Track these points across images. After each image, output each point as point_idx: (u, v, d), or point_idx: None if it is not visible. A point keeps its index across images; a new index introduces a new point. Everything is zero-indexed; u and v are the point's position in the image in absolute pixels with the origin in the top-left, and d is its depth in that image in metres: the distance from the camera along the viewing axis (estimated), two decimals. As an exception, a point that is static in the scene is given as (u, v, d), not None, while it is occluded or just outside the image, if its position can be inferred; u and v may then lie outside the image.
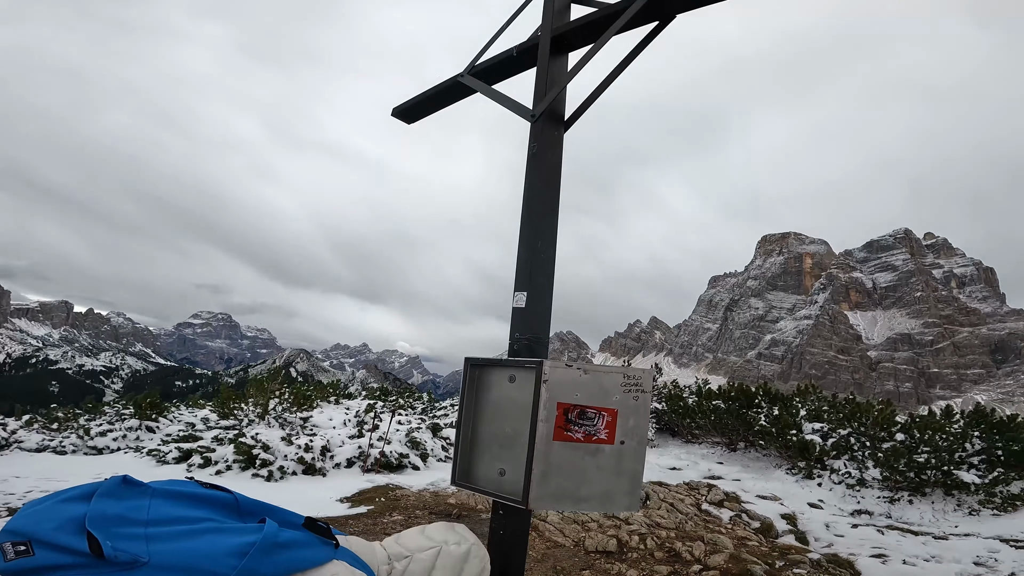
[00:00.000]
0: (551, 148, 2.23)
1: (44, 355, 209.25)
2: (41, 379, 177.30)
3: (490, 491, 1.86)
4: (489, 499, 2.27)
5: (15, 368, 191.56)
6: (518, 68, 2.74)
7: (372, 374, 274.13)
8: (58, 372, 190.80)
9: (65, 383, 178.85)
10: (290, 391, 13.06)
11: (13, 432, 12.36)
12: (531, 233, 2.10)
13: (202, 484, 1.23)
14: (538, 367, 1.71)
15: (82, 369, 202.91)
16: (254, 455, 9.05)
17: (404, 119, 3.29)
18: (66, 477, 8.85)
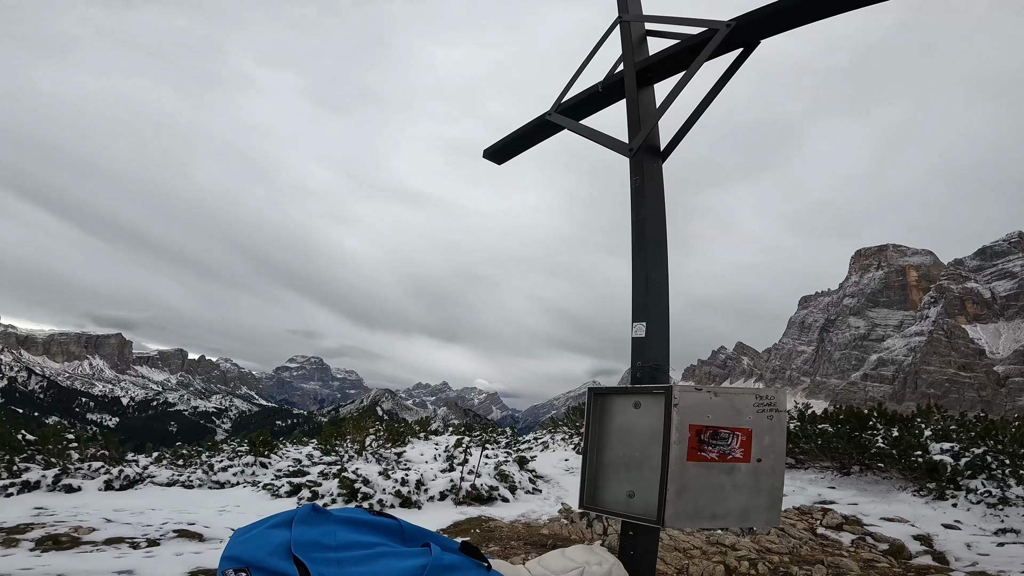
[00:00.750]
0: (653, 181, 2.31)
1: (163, 398, 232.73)
2: (162, 420, 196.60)
3: (619, 512, 1.93)
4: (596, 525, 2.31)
5: (139, 410, 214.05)
6: (604, 103, 2.83)
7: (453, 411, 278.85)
8: (176, 413, 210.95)
9: (182, 423, 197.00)
10: (384, 428, 13.67)
11: (145, 468, 13.75)
12: (643, 264, 2.18)
13: (370, 512, 1.38)
14: (667, 392, 1.81)
15: (196, 410, 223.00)
16: (356, 488, 9.50)
17: (495, 160, 3.48)
18: (196, 509, 9.68)
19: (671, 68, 2.50)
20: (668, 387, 1.82)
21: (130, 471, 11.95)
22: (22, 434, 11.64)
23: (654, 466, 1.80)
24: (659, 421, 1.81)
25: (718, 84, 2.35)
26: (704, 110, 2.38)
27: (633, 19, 2.76)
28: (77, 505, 9.67)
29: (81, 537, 6.99)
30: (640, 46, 2.69)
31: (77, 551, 6.43)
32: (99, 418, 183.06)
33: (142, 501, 10.33)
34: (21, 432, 11.71)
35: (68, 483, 10.89)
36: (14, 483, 10.62)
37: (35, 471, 11.12)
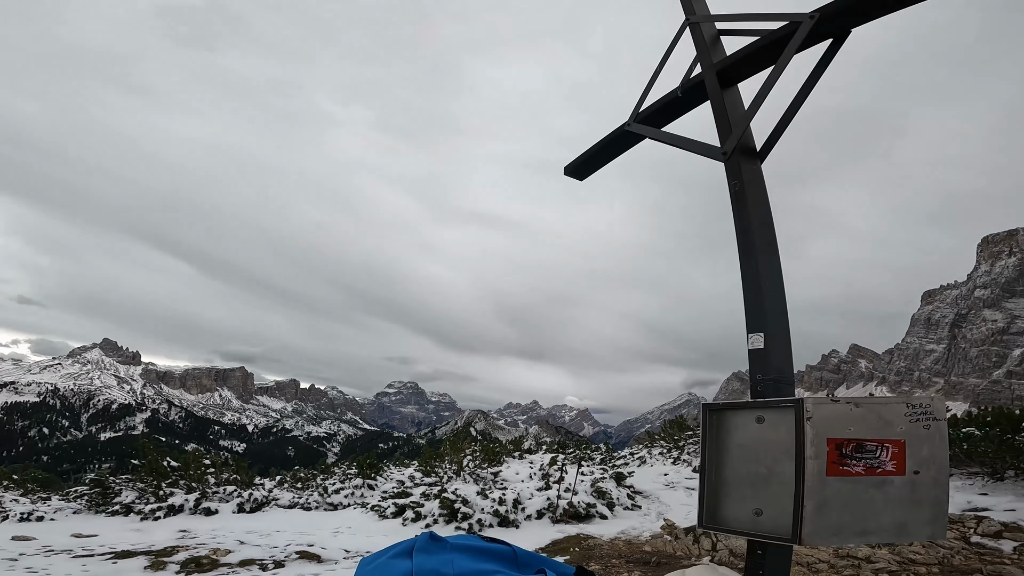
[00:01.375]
0: (754, 184, 2.19)
1: (282, 425, 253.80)
2: (281, 445, 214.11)
3: (744, 531, 1.84)
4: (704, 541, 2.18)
5: (261, 436, 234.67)
6: (684, 108, 2.76)
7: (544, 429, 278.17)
8: (292, 439, 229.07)
9: (298, 448, 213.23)
10: (480, 448, 13.92)
11: (270, 491, 14.94)
12: (754, 272, 2.06)
13: (483, 538, 1.37)
14: (798, 406, 1.70)
15: (310, 435, 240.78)
16: (455, 509, 9.71)
17: (576, 176, 3.44)
18: (313, 531, 10.33)
19: (753, 66, 2.39)
20: (798, 400, 1.71)
21: (258, 494, 13.03)
22: (167, 461, 13.11)
23: (785, 482, 1.72)
24: (788, 435, 1.72)
25: (811, 78, 2.23)
26: (800, 106, 2.26)
27: (702, 20, 2.68)
28: (215, 528, 10.68)
29: (219, 560, 7.68)
30: (715, 46, 2.61)
31: (215, 573, 7.09)
32: (229, 444, 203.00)
33: (268, 523, 11.20)
34: (166, 459, 13.20)
35: (207, 506, 12.08)
36: (161, 507, 11.97)
37: (179, 495, 12.47)
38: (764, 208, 2.16)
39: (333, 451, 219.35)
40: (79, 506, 13.32)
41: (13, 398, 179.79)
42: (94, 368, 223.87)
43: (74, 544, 9.69)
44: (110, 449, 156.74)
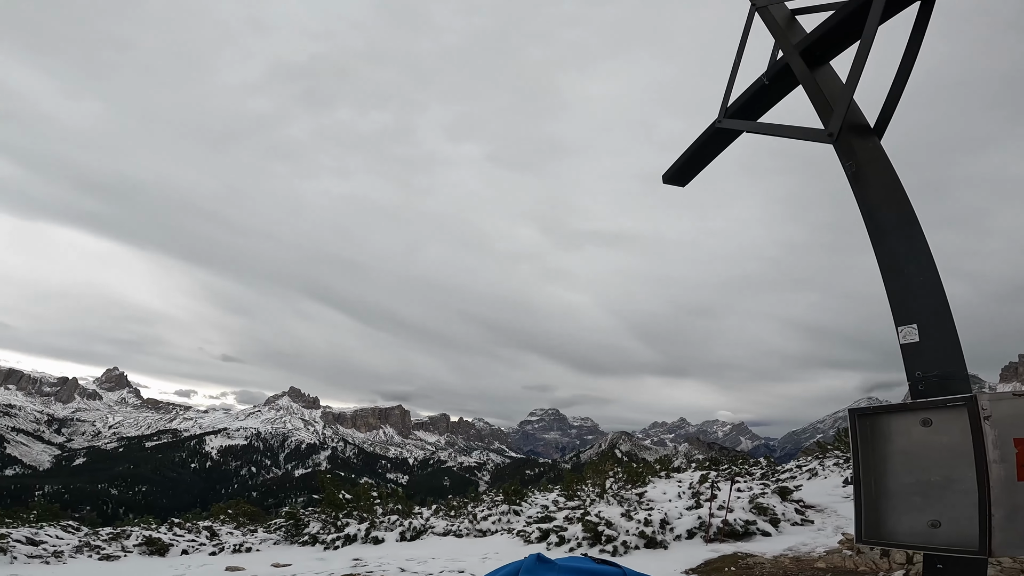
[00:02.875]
0: (874, 162, 2.08)
1: (437, 456, 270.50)
2: (438, 476, 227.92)
3: (919, 545, 1.71)
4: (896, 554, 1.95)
5: (420, 468, 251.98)
6: (775, 95, 2.71)
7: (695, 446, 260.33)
8: (447, 469, 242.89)
9: (452, 478, 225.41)
10: (623, 470, 13.57)
11: (427, 519, 15.96)
12: (891, 258, 1.93)
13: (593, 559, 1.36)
14: (970, 403, 1.56)
15: (462, 465, 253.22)
16: (599, 531, 9.58)
17: (676, 183, 3.34)
18: (464, 557, 10.82)
19: (839, 42, 2.30)
20: (970, 397, 1.55)
21: (416, 523, 14.02)
22: (342, 494, 14.69)
23: (966, 490, 1.57)
24: (963, 438, 1.57)
25: (912, 44, 2.15)
26: (908, 75, 2.18)
27: (770, 2, 2.62)
28: (381, 556, 11.69)
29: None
30: (791, 28, 2.53)
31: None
32: (394, 476, 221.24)
33: (426, 551, 11.97)
34: (341, 492, 14.80)
35: (375, 535, 13.29)
36: (339, 536, 13.40)
37: (353, 525, 13.87)
38: (891, 186, 2.02)
39: (484, 479, 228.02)
40: (278, 537, 15.43)
41: (227, 442, 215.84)
42: (285, 413, 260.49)
43: (274, 573, 11.20)
44: (302, 484, 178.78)
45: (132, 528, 15.14)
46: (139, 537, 14.22)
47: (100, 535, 14.22)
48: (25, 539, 12.53)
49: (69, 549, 12.85)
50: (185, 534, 15.40)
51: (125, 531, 14.55)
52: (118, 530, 14.70)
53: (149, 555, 13.59)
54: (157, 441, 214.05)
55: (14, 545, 12.01)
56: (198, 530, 16.12)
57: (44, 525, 14.83)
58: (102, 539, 13.83)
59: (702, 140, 2.96)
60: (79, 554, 12.77)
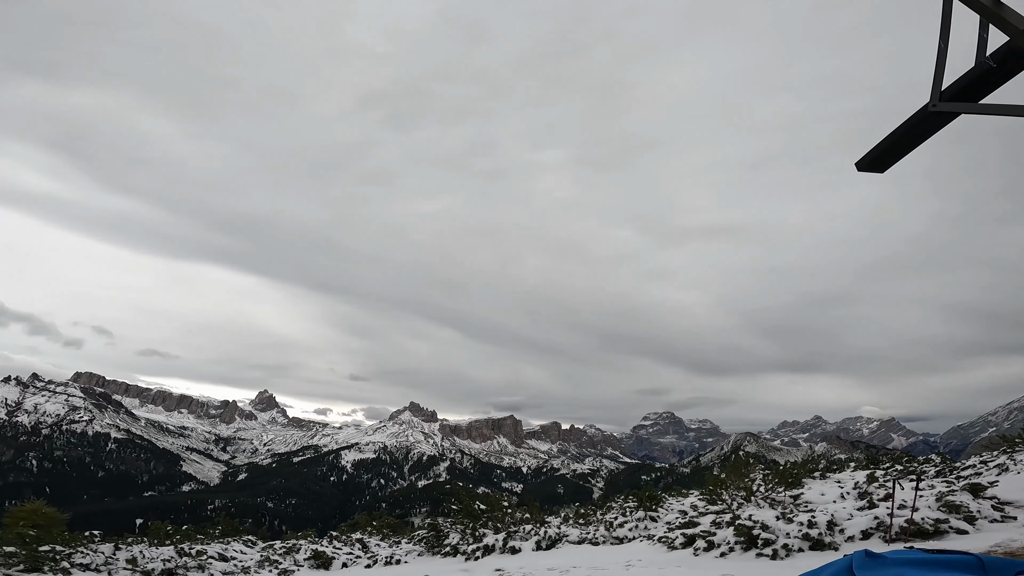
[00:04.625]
0: None
1: (550, 464, 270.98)
2: (551, 484, 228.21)
3: None
4: None
5: (534, 477, 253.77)
6: (1001, 78, 2.47)
7: (836, 445, 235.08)
8: (560, 477, 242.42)
9: (566, 485, 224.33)
10: (773, 472, 12.65)
11: (558, 527, 15.92)
12: None
13: (926, 551, 1.22)
14: None
15: (575, 472, 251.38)
16: (754, 535, 9.10)
17: (875, 169, 3.19)
18: (606, 564, 10.65)
19: None
20: None
21: (552, 532, 14.05)
22: (477, 504, 15.14)
23: None
24: None
25: None
26: None
27: None
28: (522, 565, 11.83)
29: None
30: (1000, 7, 2.29)
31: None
32: (509, 486, 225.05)
33: (565, 559, 11.93)
34: (476, 503, 15.26)
35: (512, 545, 13.51)
36: (479, 547, 13.79)
37: (490, 536, 14.22)
38: None
39: (598, 486, 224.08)
40: (421, 548, 16.15)
41: (359, 456, 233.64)
42: (407, 427, 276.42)
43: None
44: (425, 495, 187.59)
45: (300, 543, 16.73)
46: (307, 551, 15.65)
47: (275, 549, 15.85)
48: (217, 555, 14.31)
49: (253, 564, 14.45)
50: (343, 547, 16.73)
51: (296, 545, 16.13)
52: (289, 544, 16.33)
53: (316, 568, 14.86)
54: (302, 456, 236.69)
55: (210, 562, 13.76)
56: (352, 543, 17.44)
57: (230, 541, 16.83)
58: (278, 553, 15.41)
59: (909, 124, 2.76)
60: (261, 569, 14.29)
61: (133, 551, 13.71)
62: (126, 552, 13.59)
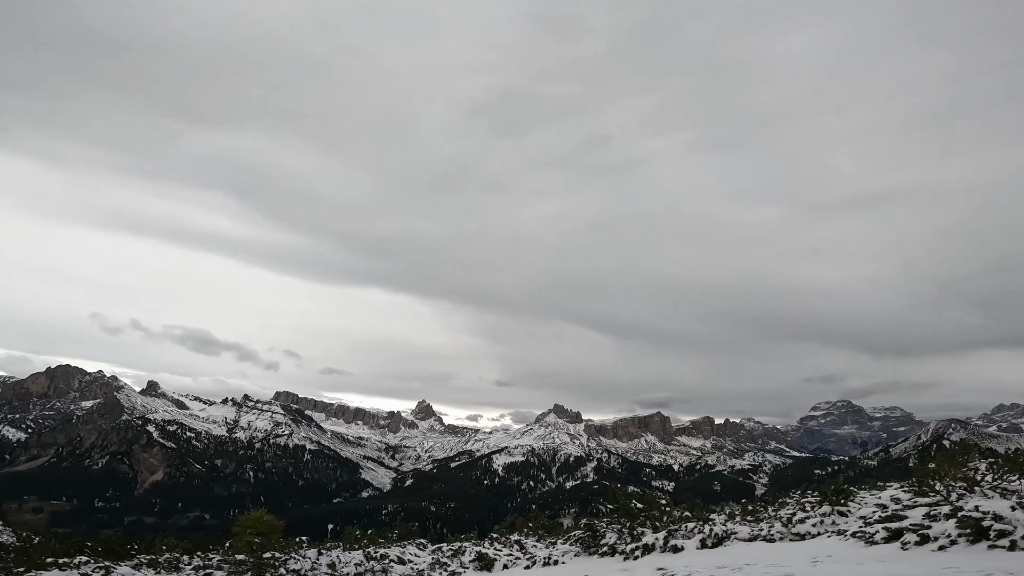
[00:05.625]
0: None
1: (704, 461, 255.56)
2: (706, 480, 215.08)
3: None
4: None
5: (686, 474, 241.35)
6: None
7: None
8: (716, 474, 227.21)
9: (723, 482, 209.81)
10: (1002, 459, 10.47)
11: (724, 524, 14.60)
12: None
13: None
14: None
15: (733, 469, 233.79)
16: (984, 527, 8.06)
17: None
18: (786, 562, 9.51)
19: None
20: None
21: (718, 529, 12.94)
22: (633, 503, 14.52)
23: None
24: None
25: None
26: None
27: None
28: (687, 564, 11.03)
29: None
30: None
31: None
32: (660, 484, 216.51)
33: (735, 557, 10.90)
34: (633, 501, 14.63)
35: (674, 543, 12.68)
36: (638, 546, 13.16)
37: (648, 535, 13.51)
38: None
39: (761, 482, 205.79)
40: (578, 548, 15.93)
41: (509, 459, 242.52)
42: (553, 429, 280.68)
43: None
44: (573, 496, 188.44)
45: (465, 545, 17.55)
46: (472, 553, 16.32)
47: (443, 552, 16.78)
48: (396, 558, 15.54)
49: (426, 567, 15.44)
50: (503, 548, 17.18)
51: (461, 548, 16.94)
52: (456, 547, 17.21)
53: (480, 570, 15.41)
54: (458, 462, 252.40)
55: (392, 565, 14.95)
56: (510, 544, 17.82)
57: (406, 544, 18.21)
58: (446, 556, 16.30)
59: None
60: (433, 571, 15.20)
61: (332, 556, 15.35)
62: (326, 557, 15.24)
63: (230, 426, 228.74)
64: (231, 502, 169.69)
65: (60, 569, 13.26)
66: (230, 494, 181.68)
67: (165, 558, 14.73)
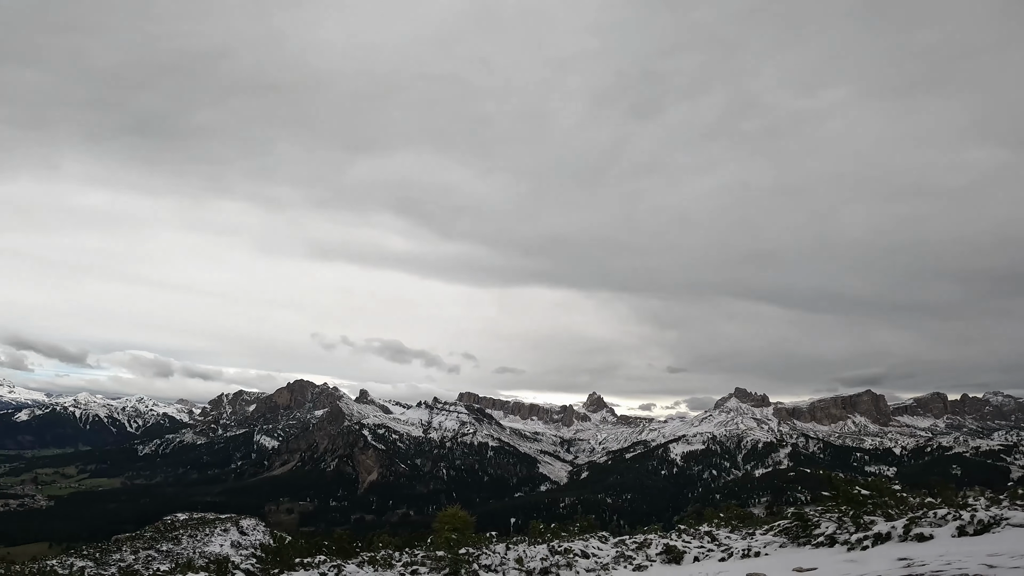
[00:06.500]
0: None
1: (936, 443, 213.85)
2: (940, 464, 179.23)
3: None
4: None
5: (912, 457, 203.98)
6: None
7: None
8: (955, 456, 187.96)
9: (965, 465, 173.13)
10: None
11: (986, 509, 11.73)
12: None
13: None
14: None
15: (978, 450, 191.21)
16: None
17: None
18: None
19: None
20: None
21: (982, 515, 10.47)
22: (856, 489, 12.44)
23: None
24: None
25: None
26: None
27: None
28: (943, 553, 9.07)
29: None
30: None
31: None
32: (876, 469, 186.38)
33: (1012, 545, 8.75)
34: (855, 488, 12.56)
35: (918, 532, 10.52)
36: (866, 536, 11.18)
37: (880, 523, 11.41)
38: None
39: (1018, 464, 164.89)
40: (783, 540, 14.14)
41: (687, 448, 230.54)
42: (735, 415, 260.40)
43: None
44: (764, 484, 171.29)
45: (650, 537, 16.77)
46: (659, 546, 15.51)
47: (627, 545, 16.23)
48: (580, 552, 15.38)
49: (610, 560, 15.04)
50: (691, 540, 16.05)
51: (647, 540, 16.21)
52: (640, 539, 16.53)
53: (667, 563, 14.51)
54: (633, 452, 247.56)
55: (576, 559, 14.82)
56: (700, 535, 16.58)
57: (588, 537, 18.02)
58: (630, 549, 15.72)
59: None
60: (618, 565, 14.74)
61: (519, 550, 15.73)
62: (514, 551, 15.63)
63: (424, 427, 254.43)
64: (429, 499, 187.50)
65: (304, 569, 15.15)
66: (428, 491, 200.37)
67: (381, 555, 16.41)
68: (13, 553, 69.43)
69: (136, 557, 43.79)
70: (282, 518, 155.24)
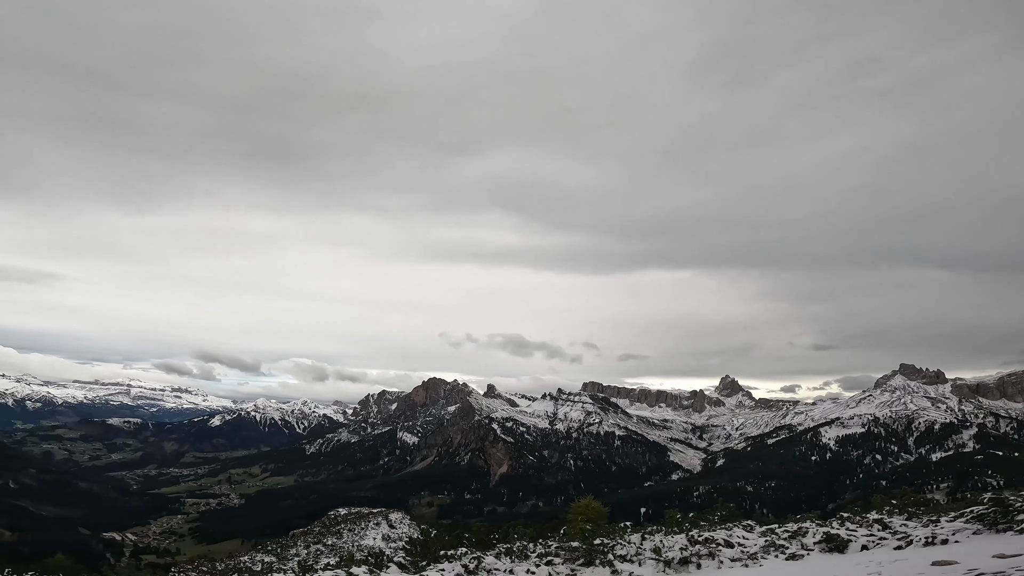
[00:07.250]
0: None
1: None
2: None
3: None
4: None
5: None
6: None
7: None
8: None
9: None
10: None
11: None
12: None
13: None
14: None
15: None
16: None
17: None
18: None
19: None
20: None
21: None
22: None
23: None
24: None
25: None
26: None
27: None
28: None
29: None
30: None
31: None
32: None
33: None
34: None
35: None
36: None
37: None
38: None
39: None
40: (977, 527, 12.05)
41: (842, 432, 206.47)
42: (902, 393, 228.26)
43: (1001, 565, 8.47)
44: (942, 469, 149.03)
45: (806, 525, 15.13)
46: (818, 534, 13.94)
47: (778, 534, 14.74)
48: (723, 541, 14.26)
49: (758, 550, 13.76)
50: (857, 528, 14.18)
51: (802, 529, 14.64)
52: (794, 528, 14.96)
53: (829, 552, 12.99)
54: (776, 438, 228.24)
55: (719, 549, 13.77)
56: (868, 523, 14.59)
57: (732, 526, 16.66)
58: (782, 538, 14.25)
59: None
60: (767, 554, 13.45)
61: (655, 540, 15.01)
62: (650, 541, 14.95)
63: (550, 418, 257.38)
64: (557, 490, 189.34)
65: (448, 561, 15.71)
66: (556, 482, 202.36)
67: (516, 546, 16.65)
68: (213, 551, 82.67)
69: (308, 552, 49.46)
70: (424, 511, 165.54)
